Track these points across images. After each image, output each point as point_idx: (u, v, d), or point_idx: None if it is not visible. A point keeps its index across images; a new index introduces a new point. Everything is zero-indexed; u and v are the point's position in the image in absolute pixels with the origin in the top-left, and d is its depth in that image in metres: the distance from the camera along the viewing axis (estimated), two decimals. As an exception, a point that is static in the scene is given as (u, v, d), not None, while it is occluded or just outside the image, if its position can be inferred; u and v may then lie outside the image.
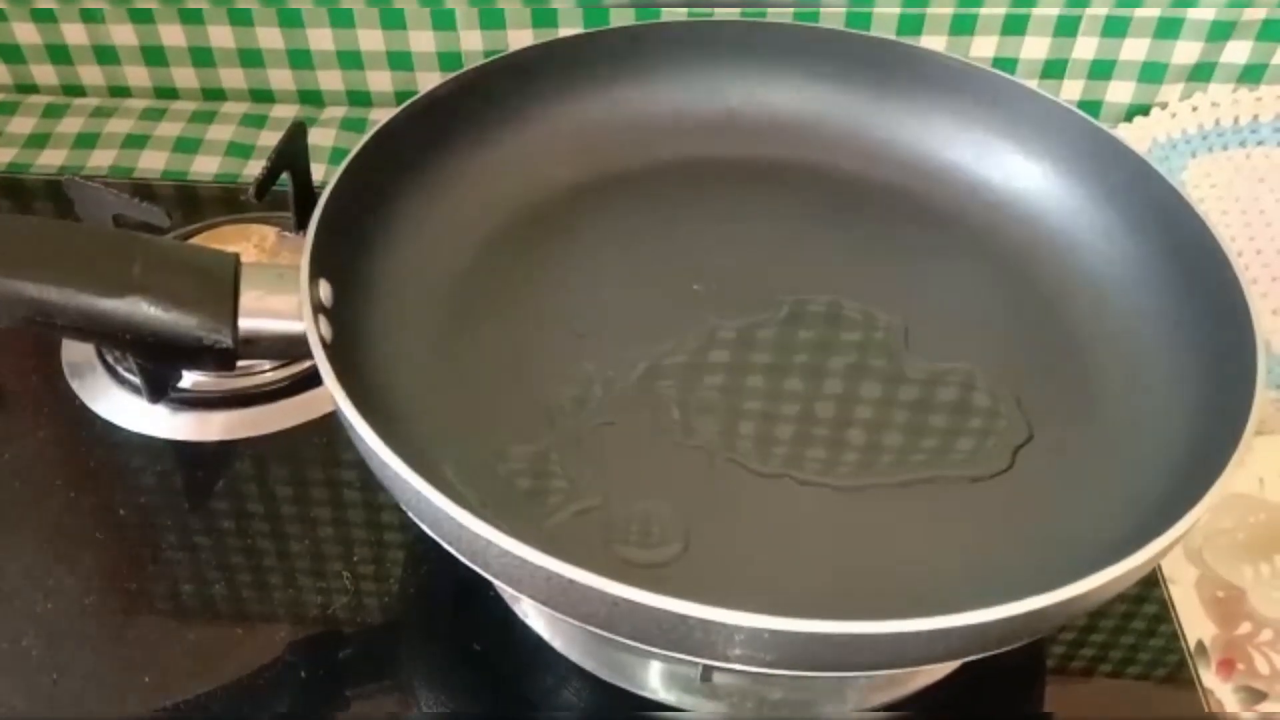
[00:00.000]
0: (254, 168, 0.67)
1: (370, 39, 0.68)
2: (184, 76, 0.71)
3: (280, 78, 0.71)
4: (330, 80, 0.70)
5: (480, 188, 0.51)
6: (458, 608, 0.46)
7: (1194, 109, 0.66)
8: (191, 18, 0.68)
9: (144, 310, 0.39)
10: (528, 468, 0.42)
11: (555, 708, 0.44)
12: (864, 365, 0.46)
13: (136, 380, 0.52)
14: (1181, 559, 0.49)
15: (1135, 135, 0.66)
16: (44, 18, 0.69)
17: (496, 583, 0.42)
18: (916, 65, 0.55)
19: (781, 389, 0.45)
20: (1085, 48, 0.65)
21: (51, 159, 0.68)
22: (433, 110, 0.49)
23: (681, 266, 0.50)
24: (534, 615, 0.45)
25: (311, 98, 0.72)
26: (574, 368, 0.45)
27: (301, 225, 0.43)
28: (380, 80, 0.70)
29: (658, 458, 0.42)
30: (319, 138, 0.68)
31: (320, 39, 0.68)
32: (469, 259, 0.49)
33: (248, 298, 0.41)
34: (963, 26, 0.65)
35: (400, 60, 0.69)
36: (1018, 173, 0.53)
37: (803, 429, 0.44)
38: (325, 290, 0.41)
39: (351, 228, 0.45)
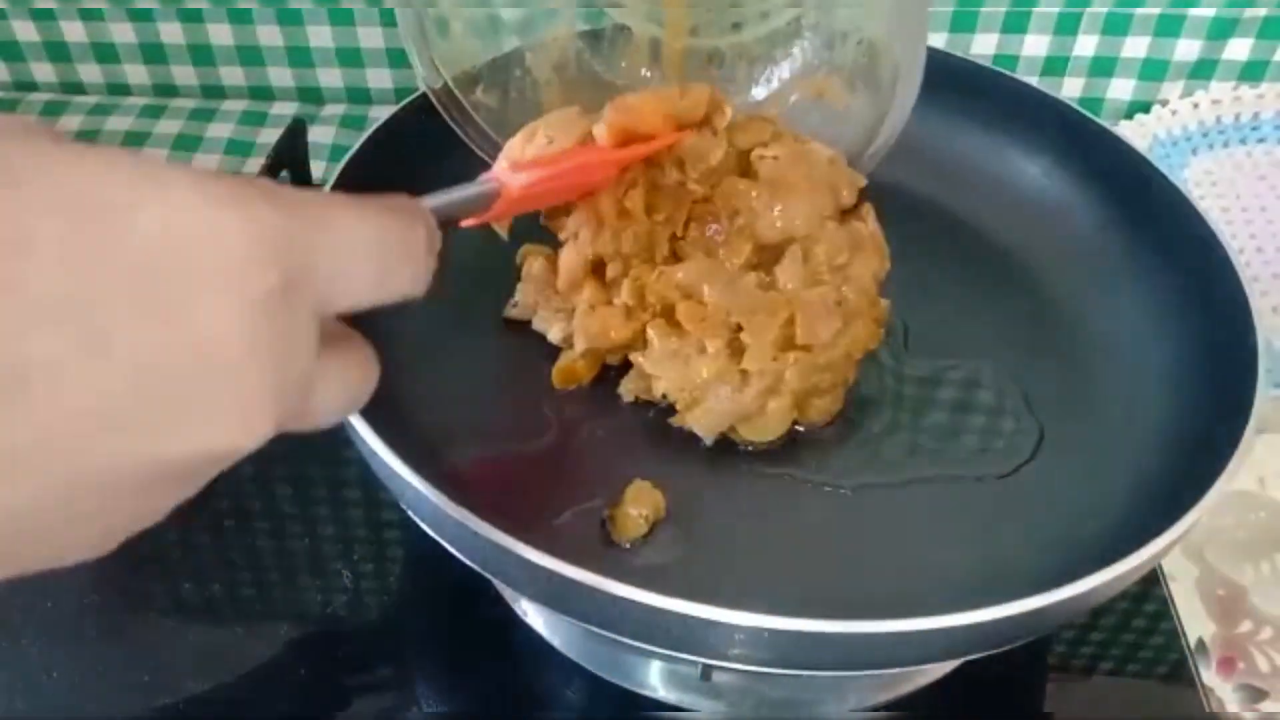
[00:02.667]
0: (253, 165, 0.67)
1: (370, 36, 0.68)
2: (183, 74, 0.71)
3: (280, 75, 0.71)
4: (330, 78, 0.70)
5: (480, 186, 0.51)
6: (458, 607, 0.46)
7: (1195, 106, 0.66)
8: (191, 16, 0.68)
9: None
10: (528, 467, 0.42)
11: (555, 708, 0.44)
12: (864, 364, 0.46)
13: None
14: (1182, 557, 0.49)
15: (1136, 133, 0.65)
16: (43, 16, 0.69)
17: (496, 582, 0.42)
18: (917, 63, 0.54)
19: (782, 387, 0.45)
20: (1086, 45, 0.65)
21: (51, 157, 0.68)
22: (433, 107, 0.49)
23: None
24: (534, 615, 0.45)
25: (311, 95, 0.72)
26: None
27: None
28: (380, 78, 0.70)
29: (659, 457, 0.42)
30: (318, 135, 0.68)
31: (320, 36, 0.68)
32: (469, 256, 0.49)
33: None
34: (963, 24, 0.65)
35: (400, 57, 0.69)
36: (1018, 170, 0.53)
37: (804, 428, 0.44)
38: (325, 289, 0.41)
39: (351, 226, 0.45)
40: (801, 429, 0.43)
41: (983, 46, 0.66)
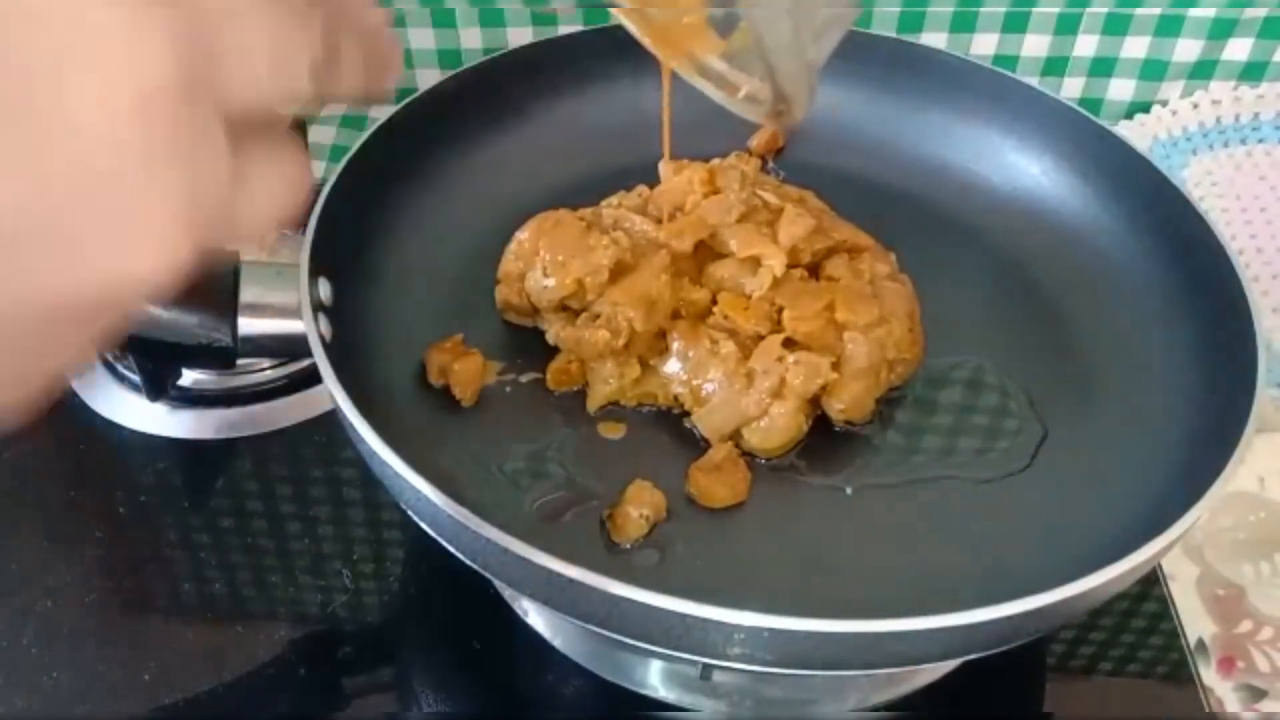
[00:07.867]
0: (253, 165, 0.67)
1: (370, 36, 0.68)
2: (183, 74, 0.71)
3: (280, 75, 0.70)
4: (330, 78, 0.70)
5: (480, 184, 0.51)
6: (458, 607, 0.46)
7: (1195, 106, 0.66)
8: (191, 15, 0.68)
9: (144, 309, 0.39)
10: (528, 467, 0.42)
11: (555, 707, 0.44)
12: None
13: (136, 378, 0.52)
14: (1182, 557, 0.49)
15: (1136, 133, 0.65)
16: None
17: (496, 582, 0.42)
18: (917, 63, 0.55)
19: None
20: (1086, 45, 0.65)
21: (51, 157, 0.68)
22: (432, 107, 0.49)
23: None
24: (534, 614, 0.45)
25: (311, 95, 0.71)
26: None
27: (301, 223, 0.43)
28: (380, 78, 0.70)
29: (659, 456, 0.42)
30: (318, 135, 0.68)
31: (320, 36, 0.68)
32: (468, 255, 0.49)
33: (247, 296, 0.41)
34: (963, 24, 0.65)
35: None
36: (1018, 170, 0.53)
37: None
38: (325, 288, 0.41)
39: (351, 225, 0.45)
40: (837, 429, 0.44)
41: (983, 46, 0.65)
